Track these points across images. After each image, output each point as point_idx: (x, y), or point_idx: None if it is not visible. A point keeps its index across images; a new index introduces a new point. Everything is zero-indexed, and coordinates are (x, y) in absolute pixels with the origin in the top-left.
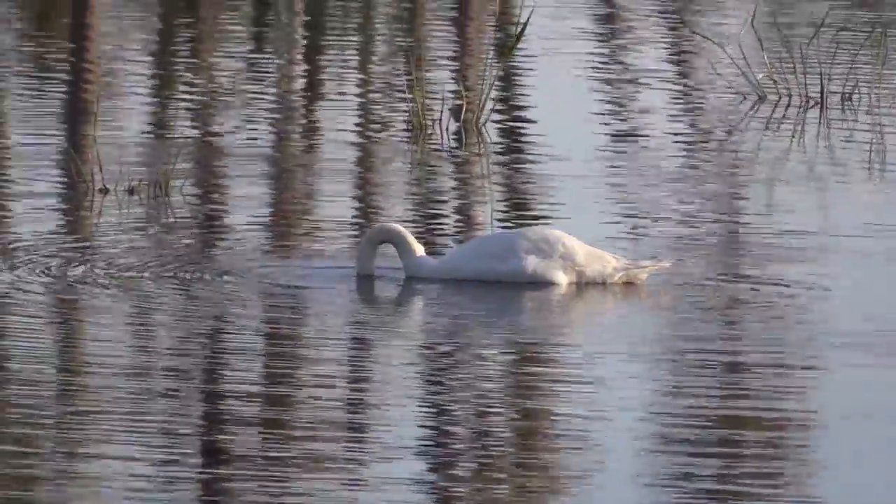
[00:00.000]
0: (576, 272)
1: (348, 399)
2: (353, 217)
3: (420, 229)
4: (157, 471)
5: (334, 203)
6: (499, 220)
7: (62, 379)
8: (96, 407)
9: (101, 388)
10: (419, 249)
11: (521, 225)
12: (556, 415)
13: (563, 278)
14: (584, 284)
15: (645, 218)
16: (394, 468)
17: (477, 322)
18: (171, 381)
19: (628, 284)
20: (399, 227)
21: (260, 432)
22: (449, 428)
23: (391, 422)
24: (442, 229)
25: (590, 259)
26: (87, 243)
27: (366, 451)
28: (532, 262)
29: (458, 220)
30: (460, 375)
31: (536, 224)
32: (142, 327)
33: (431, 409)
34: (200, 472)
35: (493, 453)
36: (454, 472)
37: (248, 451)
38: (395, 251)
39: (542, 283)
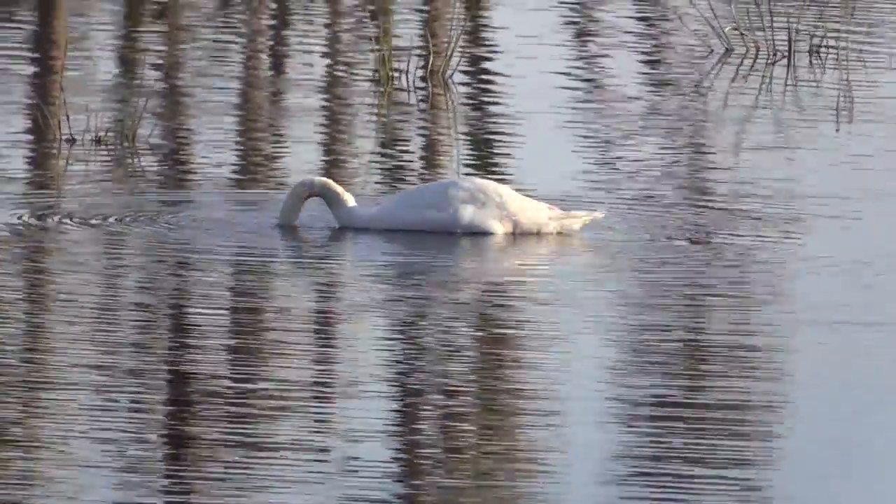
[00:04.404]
0: (511, 222)
1: (301, 369)
2: (319, 166)
3: (384, 179)
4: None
5: (299, 151)
6: (464, 170)
7: (25, 333)
8: (60, 373)
9: (64, 350)
10: (350, 200)
11: (486, 176)
12: (518, 383)
13: (499, 228)
14: (518, 234)
15: (608, 170)
16: (351, 431)
17: (412, 277)
18: (136, 336)
19: (562, 235)
20: (326, 179)
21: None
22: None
23: (349, 387)
24: (407, 179)
25: (524, 209)
26: (54, 193)
27: (326, 431)
28: (468, 212)
29: (422, 170)
30: (406, 336)
31: (494, 176)
32: (108, 275)
33: (382, 377)
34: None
35: (453, 421)
36: (414, 444)
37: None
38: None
39: (477, 233)
